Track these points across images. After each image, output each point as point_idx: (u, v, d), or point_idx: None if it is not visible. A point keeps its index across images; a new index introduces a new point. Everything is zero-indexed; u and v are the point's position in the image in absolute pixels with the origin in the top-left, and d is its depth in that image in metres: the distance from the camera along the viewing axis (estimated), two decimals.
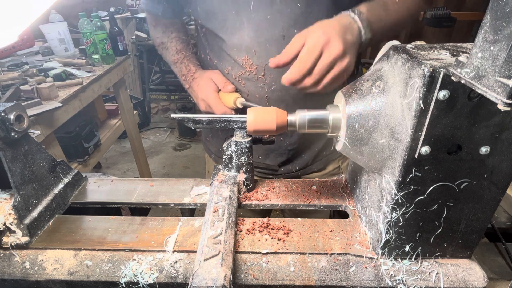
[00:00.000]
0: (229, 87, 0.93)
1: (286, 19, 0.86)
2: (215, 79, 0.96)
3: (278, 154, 1.07)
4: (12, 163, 0.64)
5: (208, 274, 0.51)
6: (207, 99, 0.95)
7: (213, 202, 0.68)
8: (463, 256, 0.61)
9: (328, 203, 0.76)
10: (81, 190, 0.82)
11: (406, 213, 0.55)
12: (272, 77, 0.92)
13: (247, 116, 0.68)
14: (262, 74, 0.92)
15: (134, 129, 2.66)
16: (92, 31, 2.10)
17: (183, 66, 1.05)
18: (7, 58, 2.13)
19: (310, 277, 0.59)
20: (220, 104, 0.93)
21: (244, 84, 0.96)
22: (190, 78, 1.02)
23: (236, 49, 0.92)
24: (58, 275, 0.61)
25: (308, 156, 1.09)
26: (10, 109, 0.62)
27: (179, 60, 1.06)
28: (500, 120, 0.46)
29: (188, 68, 1.04)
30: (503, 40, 0.32)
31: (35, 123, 1.45)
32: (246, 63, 0.92)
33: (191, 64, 1.05)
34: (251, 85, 0.95)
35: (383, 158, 0.56)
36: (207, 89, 0.95)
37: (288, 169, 1.10)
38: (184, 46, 1.09)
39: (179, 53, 1.07)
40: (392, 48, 0.55)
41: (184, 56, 1.06)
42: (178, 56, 1.06)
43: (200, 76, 1.00)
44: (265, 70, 0.92)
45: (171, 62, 1.09)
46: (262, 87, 0.94)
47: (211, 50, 1.01)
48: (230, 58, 0.94)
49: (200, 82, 0.98)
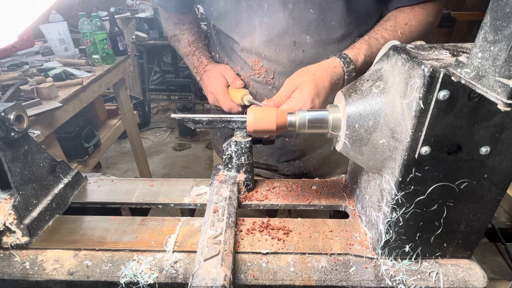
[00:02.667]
0: (238, 83, 0.93)
1: (298, 25, 0.86)
2: (226, 73, 0.96)
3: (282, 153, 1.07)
4: (12, 163, 0.64)
5: (208, 274, 0.50)
6: (216, 93, 0.95)
7: (213, 202, 0.68)
8: (463, 256, 0.61)
9: (328, 203, 0.76)
10: (81, 190, 0.82)
11: (406, 213, 0.55)
12: (281, 81, 0.92)
13: (247, 116, 0.68)
14: (271, 77, 0.93)
15: (134, 129, 2.66)
16: (92, 31, 2.10)
17: (195, 59, 1.05)
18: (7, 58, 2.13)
19: (310, 277, 0.59)
20: (228, 99, 0.93)
21: (253, 85, 0.96)
22: (201, 71, 1.03)
23: (246, 51, 0.93)
24: (58, 275, 0.61)
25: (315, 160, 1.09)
26: (10, 109, 0.62)
27: (191, 52, 1.07)
28: (500, 120, 0.46)
29: (200, 61, 1.04)
30: (503, 40, 0.32)
31: (35, 123, 1.45)
32: (256, 66, 0.93)
33: (203, 56, 1.05)
34: (260, 87, 0.96)
35: (383, 158, 0.56)
36: (216, 83, 0.96)
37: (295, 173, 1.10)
38: (196, 38, 1.10)
39: (191, 45, 1.08)
40: (392, 48, 0.55)
41: (196, 48, 1.07)
42: (190, 48, 1.07)
43: (211, 69, 1.01)
44: (274, 74, 0.92)
45: (183, 54, 1.10)
46: (271, 90, 0.95)
47: (222, 48, 1.02)
48: (241, 59, 0.95)
49: (211, 75, 0.99)
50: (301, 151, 1.06)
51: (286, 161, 1.08)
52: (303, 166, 1.09)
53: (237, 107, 0.92)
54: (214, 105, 0.99)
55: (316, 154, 1.08)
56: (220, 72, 0.97)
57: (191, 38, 1.08)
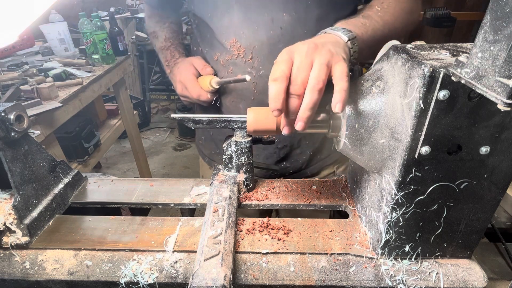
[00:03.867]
0: (208, 69, 0.95)
1: (275, 2, 0.87)
2: (195, 63, 0.98)
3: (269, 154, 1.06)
4: (12, 163, 0.64)
5: (208, 274, 0.51)
6: (184, 81, 0.97)
7: (213, 202, 0.68)
8: (463, 256, 0.61)
9: (328, 203, 0.76)
10: (81, 190, 0.82)
11: (406, 213, 0.55)
12: (259, 61, 0.92)
13: (247, 116, 0.68)
14: (250, 57, 0.92)
15: (134, 129, 2.66)
16: (92, 31, 2.10)
17: (169, 53, 1.09)
18: (7, 58, 2.13)
19: (310, 277, 0.59)
20: (196, 85, 0.95)
21: (232, 69, 0.96)
22: (172, 63, 1.06)
23: (225, 32, 0.93)
24: (58, 275, 0.61)
25: (301, 159, 1.09)
26: (10, 109, 0.62)
27: (165, 47, 1.10)
28: (500, 120, 0.46)
29: (172, 55, 1.08)
30: (503, 40, 0.32)
31: (35, 123, 1.45)
32: (234, 46, 0.92)
33: (176, 51, 1.09)
34: (239, 70, 0.95)
35: (383, 158, 0.56)
36: (185, 72, 0.98)
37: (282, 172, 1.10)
38: (174, 35, 1.13)
39: (167, 40, 1.11)
40: (392, 48, 0.55)
41: (171, 43, 1.11)
42: (165, 44, 1.11)
43: (182, 61, 1.04)
44: (252, 53, 0.92)
45: (158, 49, 1.13)
46: (250, 71, 0.94)
47: (202, 40, 1.02)
48: (219, 44, 0.95)
49: (181, 66, 1.01)
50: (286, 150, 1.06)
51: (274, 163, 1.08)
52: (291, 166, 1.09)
53: (206, 94, 0.94)
54: (182, 95, 1.01)
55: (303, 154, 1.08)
56: (190, 62, 0.99)
57: (169, 35, 1.12)
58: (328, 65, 0.57)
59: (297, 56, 0.58)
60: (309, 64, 0.57)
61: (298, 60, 0.57)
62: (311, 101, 0.56)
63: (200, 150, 1.23)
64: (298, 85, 0.56)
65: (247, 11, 0.88)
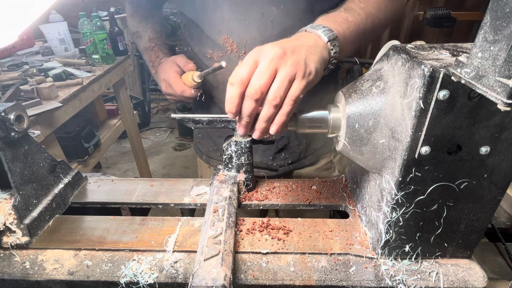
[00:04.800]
0: (189, 65, 0.96)
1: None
2: (178, 60, 0.99)
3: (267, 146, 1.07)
4: (12, 163, 0.64)
5: (208, 274, 0.51)
6: (168, 79, 0.98)
7: (213, 202, 0.68)
8: (463, 256, 0.61)
9: (328, 203, 0.76)
10: (81, 190, 0.82)
11: (406, 213, 0.55)
12: None
13: None
14: (243, 52, 0.92)
15: (134, 129, 2.66)
16: (92, 31, 2.10)
17: (153, 53, 1.09)
18: (7, 58, 2.13)
19: (310, 277, 0.59)
20: (179, 82, 0.95)
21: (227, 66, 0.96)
22: (157, 64, 1.07)
23: (216, 29, 0.93)
24: (58, 275, 0.61)
25: (298, 150, 1.10)
26: (10, 109, 0.62)
27: (150, 48, 1.11)
28: (500, 120, 0.46)
29: (157, 55, 1.09)
30: (503, 40, 0.32)
31: (35, 123, 1.45)
32: (227, 42, 0.93)
33: (160, 51, 1.09)
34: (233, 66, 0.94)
35: (383, 158, 0.56)
36: (168, 70, 0.99)
37: (280, 164, 1.11)
38: (158, 36, 1.14)
39: (151, 41, 1.11)
40: (392, 48, 0.55)
41: (155, 44, 1.11)
42: (149, 44, 1.11)
43: (165, 60, 1.04)
44: (245, 47, 0.92)
45: (142, 50, 1.14)
46: None
47: (192, 39, 1.03)
48: (211, 41, 0.95)
49: (164, 65, 1.02)
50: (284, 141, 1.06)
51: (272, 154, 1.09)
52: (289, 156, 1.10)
53: (189, 90, 0.94)
54: (167, 93, 1.02)
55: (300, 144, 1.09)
56: (173, 60, 1.00)
57: (152, 35, 1.12)
58: (290, 80, 0.57)
59: (262, 60, 0.58)
60: (271, 71, 0.56)
61: (261, 66, 0.57)
62: (266, 115, 0.58)
63: (198, 148, 1.24)
64: (255, 90, 0.56)
65: (237, 6, 0.89)
